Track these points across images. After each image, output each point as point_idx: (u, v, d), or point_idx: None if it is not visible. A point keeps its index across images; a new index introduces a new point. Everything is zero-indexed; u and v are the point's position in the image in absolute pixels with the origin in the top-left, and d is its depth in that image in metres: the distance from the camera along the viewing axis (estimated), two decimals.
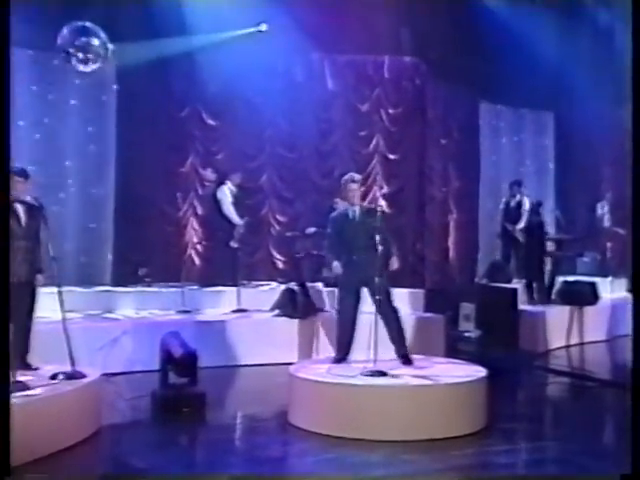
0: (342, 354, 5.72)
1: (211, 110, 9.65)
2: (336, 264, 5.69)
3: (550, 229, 10.42)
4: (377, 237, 5.43)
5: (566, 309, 8.82)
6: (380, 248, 5.41)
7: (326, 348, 7.19)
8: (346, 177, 5.79)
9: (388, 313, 5.63)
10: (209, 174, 9.24)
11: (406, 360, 5.62)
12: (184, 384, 5.44)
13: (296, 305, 7.52)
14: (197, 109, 9.61)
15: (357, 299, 5.67)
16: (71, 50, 5.74)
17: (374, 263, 5.47)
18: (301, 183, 10.23)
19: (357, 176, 5.83)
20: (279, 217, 10.16)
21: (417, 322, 7.74)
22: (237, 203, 8.84)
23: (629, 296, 9.10)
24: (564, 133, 12.15)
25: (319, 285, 8.79)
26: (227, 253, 8.40)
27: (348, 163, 10.41)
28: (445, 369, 5.49)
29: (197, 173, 9.65)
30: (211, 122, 9.72)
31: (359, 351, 5.63)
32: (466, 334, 8.98)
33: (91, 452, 4.51)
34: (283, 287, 8.21)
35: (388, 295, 5.67)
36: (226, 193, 8.77)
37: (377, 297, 5.44)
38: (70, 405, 4.57)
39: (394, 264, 5.66)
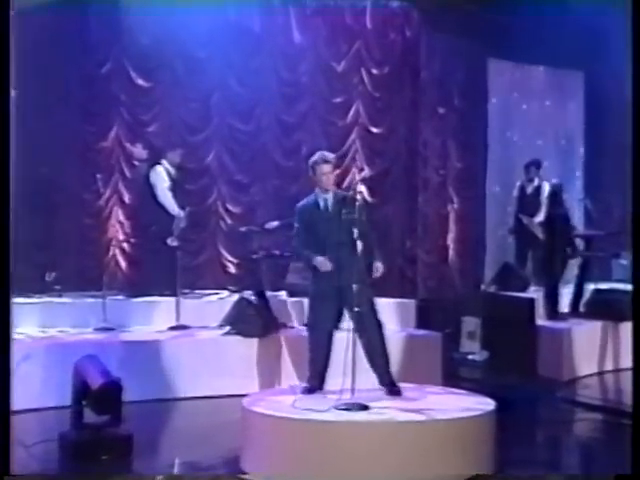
0: (315, 383, 5.72)
1: (141, 67, 9.56)
2: (321, 259, 5.61)
3: (577, 223, 10.51)
4: (355, 232, 5.44)
5: (598, 325, 8.90)
6: (360, 246, 5.43)
7: (291, 375, 7.17)
8: (315, 156, 5.80)
9: (370, 330, 5.63)
10: (139, 150, 9.15)
11: (393, 390, 5.63)
12: (104, 424, 5.38)
13: (252, 320, 7.50)
14: (122, 65, 9.51)
15: (334, 312, 5.68)
16: None
17: (353, 266, 5.46)
18: (259, 163, 10.22)
19: (329, 155, 5.84)
20: (231, 207, 10.12)
21: (407, 341, 7.75)
22: (176, 189, 8.79)
23: None
24: (597, 100, 12.24)
25: (282, 294, 8.78)
26: (163, 253, 8.35)
27: (319, 138, 10.43)
28: (443, 401, 5.49)
29: (123, 149, 9.56)
30: (141, 82, 9.63)
31: (332, 378, 5.63)
32: (470, 357, 9.04)
33: None
34: (236, 297, 8.19)
35: (372, 306, 5.69)
36: (162, 176, 8.71)
37: (356, 309, 5.42)
38: None
39: (378, 269, 5.67)
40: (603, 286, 9.71)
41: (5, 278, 4.24)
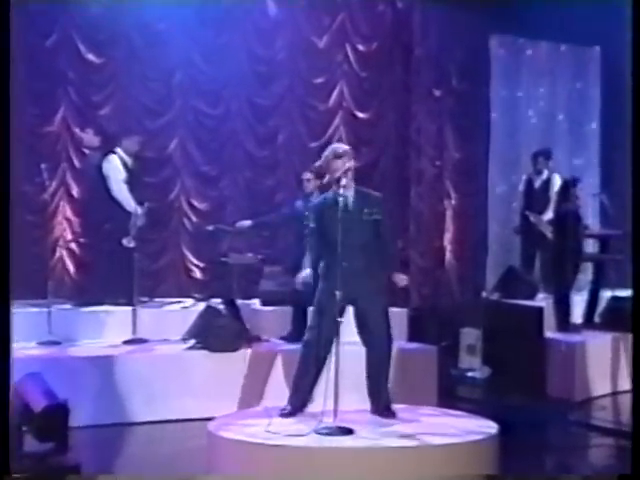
0: (297, 403, 5.72)
1: (92, 40, 9.50)
2: (307, 273, 5.84)
3: (592, 221, 10.55)
4: (377, 234, 5.70)
5: (616, 338, 8.94)
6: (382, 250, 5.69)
7: (265, 395, 7.21)
8: (327, 151, 5.91)
9: (380, 345, 5.74)
10: (90, 137, 9.08)
11: (388, 412, 5.70)
12: (48, 452, 5.33)
13: (221, 332, 7.51)
14: (70, 37, 9.44)
15: (337, 324, 5.65)
16: None
17: (370, 272, 5.62)
18: (229, 153, 10.20)
19: (341, 147, 5.94)
20: (196, 203, 10.10)
21: (398, 356, 7.67)
22: (133, 181, 8.75)
23: None
24: (616, 80, 12.25)
25: (255, 303, 8.77)
26: (118, 256, 8.32)
27: (298, 124, 10.45)
28: (438, 424, 5.49)
29: (71, 135, 9.50)
30: (92, 57, 9.56)
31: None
32: (469, 374, 9.06)
33: None
34: (202, 306, 8.18)
35: (386, 319, 5.80)
36: (116, 166, 8.68)
37: (369, 320, 5.55)
38: None
39: (403, 281, 5.81)
40: (621, 293, 9.74)
41: (5, 275, 4.40)
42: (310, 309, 6.03)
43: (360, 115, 10.73)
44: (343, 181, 5.74)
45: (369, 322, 5.73)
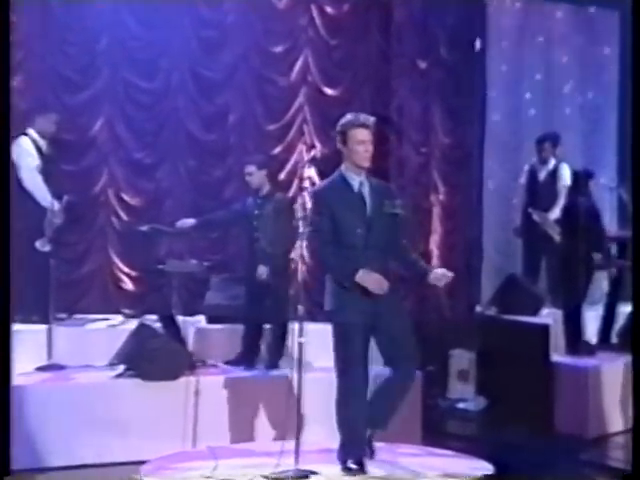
0: (363, 449, 5.63)
1: None
2: (373, 276, 5.59)
3: (608, 220, 10.61)
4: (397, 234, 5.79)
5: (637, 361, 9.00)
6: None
7: (210, 431, 7.18)
8: (348, 117, 5.89)
9: (410, 365, 5.89)
10: None
11: (370, 451, 5.77)
12: None
13: (157, 356, 7.48)
14: None
15: (367, 345, 5.79)
16: None
17: (389, 280, 5.63)
18: (167, 136, 10.17)
19: (369, 118, 5.92)
20: (127, 197, 10.05)
21: (375, 384, 7.73)
22: (49, 170, 8.74)
23: None
24: (637, 51, 12.34)
25: (200, 320, 8.76)
26: (30, 261, 8.28)
27: (252, 101, 10.43)
28: (422, 465, 5.49)
29: None
30: None
31: (265, 432, 5.62)
32: (461, 405, 9.08)
33: None
34: (134, 324, 8.16)
35: (413, 333, 5.89)
36: (28, 151, 8.66)
37: (396, 333, 5.65)
38: None
39: (441, 277, 5.76)
40: None
41: (6, 273, 4.69)
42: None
43: (328, 91, 10.73)
44: (362, 158, 5.79)
45: (397, 336, 5.74)
